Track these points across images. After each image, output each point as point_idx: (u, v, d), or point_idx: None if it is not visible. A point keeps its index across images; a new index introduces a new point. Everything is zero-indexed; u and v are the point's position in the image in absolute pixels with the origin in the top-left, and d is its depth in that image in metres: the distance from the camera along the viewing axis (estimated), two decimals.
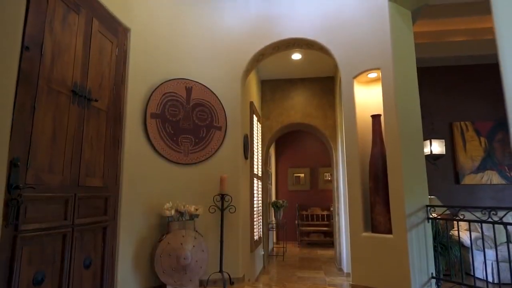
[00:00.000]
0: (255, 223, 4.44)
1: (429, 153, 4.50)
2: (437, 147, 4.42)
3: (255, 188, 4.56)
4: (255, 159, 4.63)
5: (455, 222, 4.35)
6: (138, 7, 3.00)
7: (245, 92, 4.08)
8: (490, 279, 3.87)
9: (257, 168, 4.85)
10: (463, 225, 4.49)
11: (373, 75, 3.15)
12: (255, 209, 4.49)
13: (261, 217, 5.14)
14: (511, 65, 0.71)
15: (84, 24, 2.29)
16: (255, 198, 4.53)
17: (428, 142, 4.57)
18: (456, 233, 4.27)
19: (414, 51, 2.95)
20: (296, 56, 4.81)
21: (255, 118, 4.72)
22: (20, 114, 1.70)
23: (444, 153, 4.51)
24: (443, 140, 4.44)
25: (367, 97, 3.29)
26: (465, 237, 4.25)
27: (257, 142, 4.95)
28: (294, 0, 3.46)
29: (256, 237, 4.49)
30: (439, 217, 2.80)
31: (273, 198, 8.21)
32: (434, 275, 2.64)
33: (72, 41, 2.16)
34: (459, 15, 4.17)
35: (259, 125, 5.24)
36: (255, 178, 4.58)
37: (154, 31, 3.16)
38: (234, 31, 3.48)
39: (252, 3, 3.51)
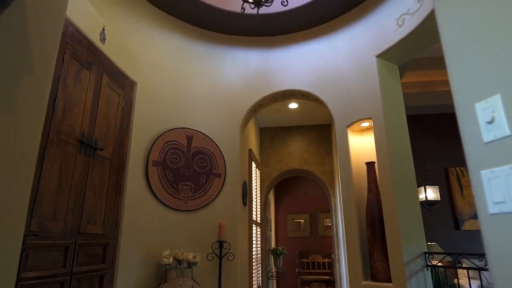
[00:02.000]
0: (254, 271, 4.36)
1: (425, 199, 4.54)
2: (431, 193, 4.48)
3: (254, 235, 4.53)
4: (253, 206, 4.65)
5: (459, 270, 4.27)
6: (145, 62, 3.24)
7: (244, 139, 4.22)
8: None
9: (256, 215, 4.86)
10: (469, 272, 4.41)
11: (365, 124, 3.31)
12: (254, 256, 4.44)
13: (260, 265, 5.04)
14: (465, 116, 0.82)
15: (94, 80, 2.47)
16: (254, 245, 4.49)
17: (422, 188, 4.64)
18: (460, 281, 4.18)
19: (403, 102, 3.14)
20: (293, 105, 5.03)
21: (253, 165, 4.82)
22: None
23: (439, 199, 4.55)
24: (437, 186, 4.51)
25: (361, 145, 3.42)
26: (467, 286, 4.15)
27: (256, 189, 5.01)
28: (289, 56, 3.73)
29: (255, 286, 4.37)
30: (439, 264, 2.79)
31: (273, 245, 8.06)
32: None
33: (83, 95, 2.33)
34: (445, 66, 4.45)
35: (258, 172, 5.33)
36: (253, 225, 4.57)
37: (159, 84, 3.36)
38: (233, 84, 3.70)
39: (250, 58, 3.78)
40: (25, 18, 0.83)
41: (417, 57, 4.44)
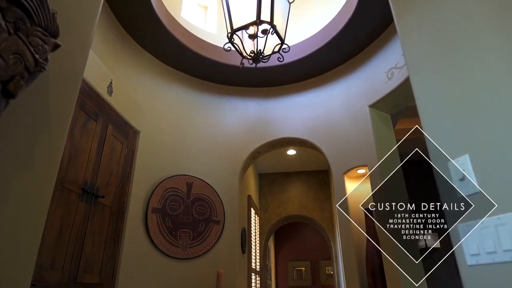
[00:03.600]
0: None
1: (424, 247, 4.46)
2: (431, 240, 4.42)
3: (253, 284, 4.41)
4: (253, 253, 4.58)
5: None
6: (148, 112, 3.37)
7: (243, 186, 4.27)
8: None
9: (255, 263, 4.76)
10: None
11: (361, 171, 3.38)
12: None
13: None
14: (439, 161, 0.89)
15: (100, 130, 2.59)
16: None
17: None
18: None
19: (396, 149, 3.23)
20: (291, 152, 5.15)
21: (252, 211, 4.81)
22: None
23: (439, 246, 4.47)
24: (437, 234, 4.45)
25: (359, 191, 3.46)
26: None
27: (255, 235, 4.95)
28: (287, 105, 3.90)
29: None
30: None
31: None
32: None
33: (88, 145, 2.43)
34: None
35: (257, 218, 5.30)
36: (253, 273, 4.47)
37: (161, 132, 3.48)
38: (233, 132, 3.84)
39: (249, 107, 3.95)
40: (47, 86, 0.94)
41: (411, 104, 4.61)
